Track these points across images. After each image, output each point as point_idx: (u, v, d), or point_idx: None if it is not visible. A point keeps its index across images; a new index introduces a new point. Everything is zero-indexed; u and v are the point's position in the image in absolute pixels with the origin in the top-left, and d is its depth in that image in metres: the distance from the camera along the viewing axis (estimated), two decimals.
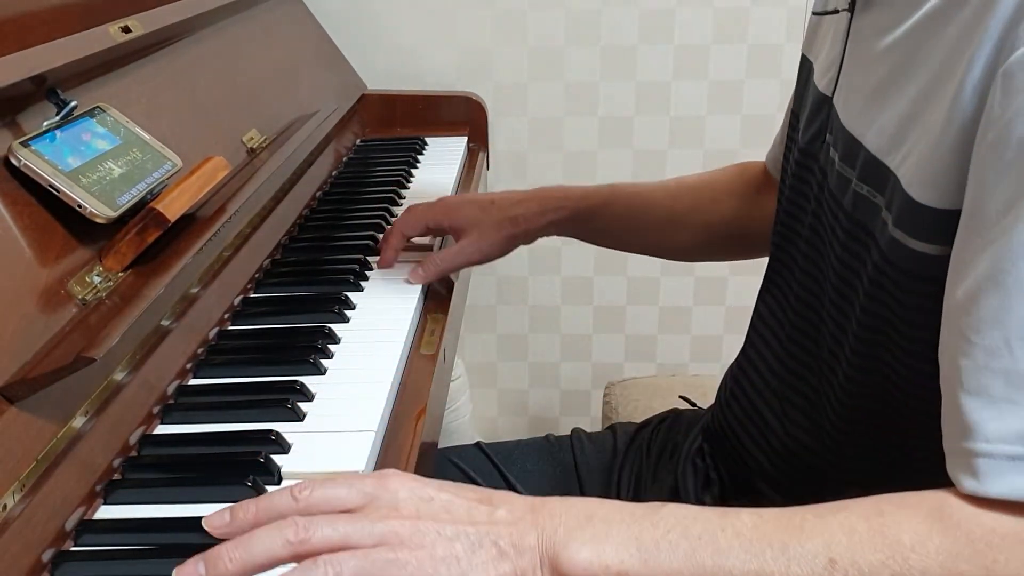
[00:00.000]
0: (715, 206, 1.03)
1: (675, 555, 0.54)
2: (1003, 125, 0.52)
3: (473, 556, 0.54)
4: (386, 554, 0.53)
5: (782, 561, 0.52)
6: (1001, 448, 0.51)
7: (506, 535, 0.55)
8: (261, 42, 1.28)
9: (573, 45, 1.64)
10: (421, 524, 0.54)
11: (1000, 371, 0.51)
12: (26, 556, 0.58)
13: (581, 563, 0.54)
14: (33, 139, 0.73)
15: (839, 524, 0.53)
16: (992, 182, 0.53)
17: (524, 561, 0.54)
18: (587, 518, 0.56)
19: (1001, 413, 0.51)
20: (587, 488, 1.02)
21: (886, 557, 0.51)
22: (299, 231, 1.12)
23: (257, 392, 0.78)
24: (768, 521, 0.55)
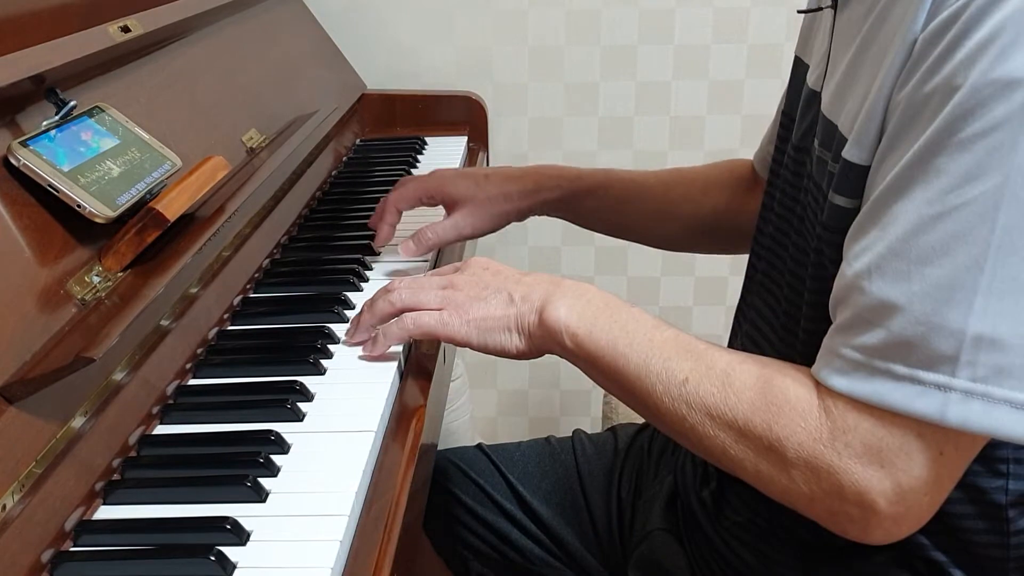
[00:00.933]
0: (705, 199, 1.05)
1: (606, 336, 0.71)
2: (911, 85, 0.59)
3: (492, 298, 0.77)
4: (441, 292, 0.78)
5: (658, 367, 0.68)
6: (851, 354, 0.60)
7: (520, 291, 0.76)
8: (261, 42, 1.28)
9: (573, 45, 1.64)
10: (472, 278, 0.79)
11: (862, 292, 0.60)
12: (25, 556, 0.57)
13: (554, 316, 0.73)
14: (32, 139, 0.73)
15: (710, 358, 0.67)
16: (893, 135, 0.60)
17: (525, 307, 0.75)
18: (581, 294, 0.75)
19: (857, 327, 0.60)
20: (588, 489, 1.02)
21: (717, 391, 0.65)
22: (299, 231, 1.12)
23: (257, 392, 0.77)
24: (677, 339, 0.70)
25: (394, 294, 0.79)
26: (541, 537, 1.01)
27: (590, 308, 0.73)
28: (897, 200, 0.59)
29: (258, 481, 0.65)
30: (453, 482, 1.04)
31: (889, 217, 0.59)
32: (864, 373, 0.59)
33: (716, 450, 0.66)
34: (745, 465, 0.65)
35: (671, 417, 0.68)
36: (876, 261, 0.59)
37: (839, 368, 0.61)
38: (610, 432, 1.08)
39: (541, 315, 0.74)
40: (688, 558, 0.89)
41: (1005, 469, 0.68)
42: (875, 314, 0.59)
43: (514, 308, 0.76)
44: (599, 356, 0.71)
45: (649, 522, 0.95)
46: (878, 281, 0.59)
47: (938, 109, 0.57)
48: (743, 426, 0.64)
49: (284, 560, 0.59)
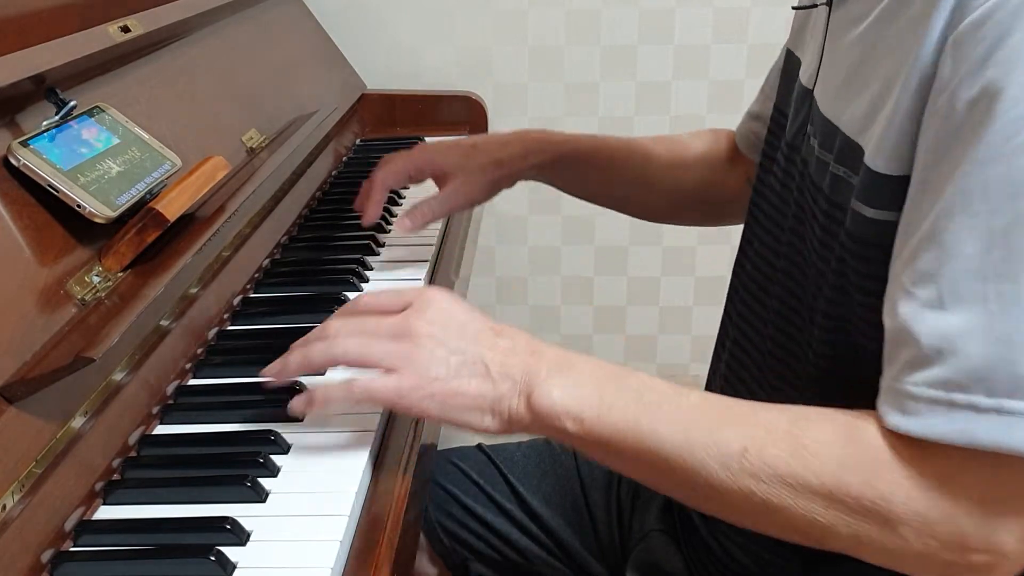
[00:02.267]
0: (687, 172, 1.05)
1: (624, 416, 0.61)
2: (950, 91, 0.55)
3: (462, 368, 0.64)
4: (392, 345, 0.65)
5: (705, 439, 0.59)
6: (924, 391, 0.54)
7: (498, 362, 0.64)
8: (261, 42, 1.28)
9: (573, 45, 1.64)
10: (434, 329, 0.65)
11: (931, 321, 0.54)
12: (25, 556, 0.57)
13: (548, 401, 0.62)
14: (32, 139, 0.73)
15: (765, 420, 0.59)
16: (941, 146, 0.55)
17: (504, 387, 0.64)
18: (570, 367, 0.64)
19: (930, 361, 0.54)
20: (588, 490, 1.02)
21: (789, 456, 0.57)
22: (299, 231, 1.12)
23: (257, 392, 0.77)
24: (710, 404, 0.62)
25: (338, 342, 0.66)
26: (541, 537, 1.01)
27: (589, 382, 0.64)
28: (956, 217, 0.53)
29: (258, 481, 0.65)
30: (453, 482, 1.04)
31: (951, 237, 0.54)
32: (943, 411, 0.53)
33: (799, 521, 0.58)
34: (839, 531, 0.57)
35: (734, 496, 0.59)
36: (946, 286, 0.54)
37: (912, 410, 0.55)
38: None
39: (529, 400, 0.63)
40: (685, 559, 0.89)
41: None
42: (948, 342, 0.53)
43: (489, 385, 0.64)
44: (618, 439, 0.62)
45: (647, 523, 0.95)
46: (951, 305, 0.53)
47: (986, 116, 0.52)
48: (834, 489, 0.56)
49: (284, 560, 0.60)
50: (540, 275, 1.79)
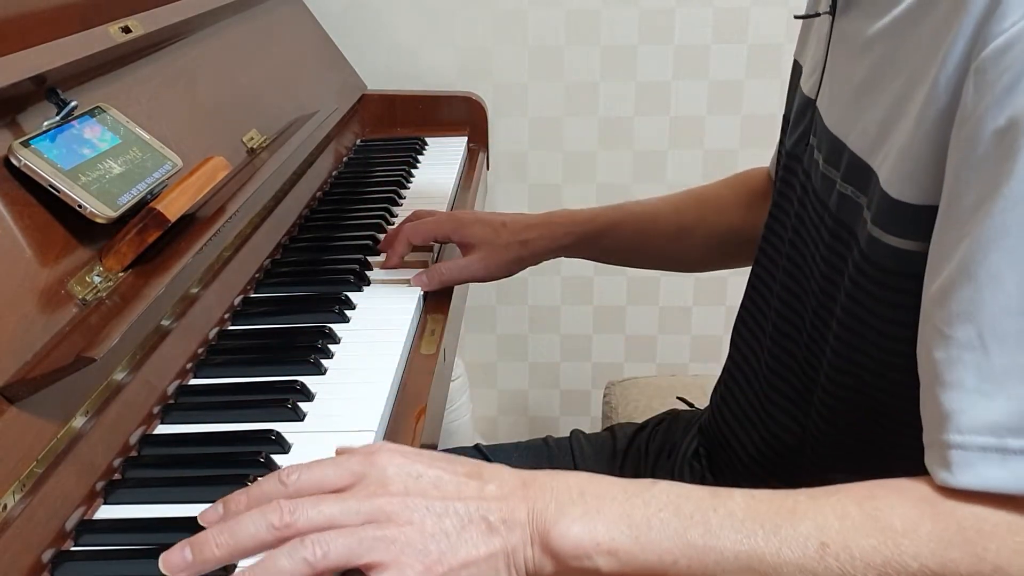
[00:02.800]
0: (721, 217, 1.04)
1: (666, 533, 0.54)
2: (976, 120, 0.52)
3: (463, 532, 0.54)
4: (374, 531, 0.53)
5: (774, 543, 0.53)
6: (972, 439, 0.51)
7: (496, 510, 0.55)
8: (261, 42, 1.28)
9: (573, 45, 1.65)
10: (409, 500, 0.55)
11: (972, 364, 0.52)
12: (26, 556, 0.57)
13: (572, 539, 0.54)
14: (33, 139, 0.73)
15: (831, 507, 0.54)
16: (966, 177, 0.53)
17: (514, 537, 0.55)
18: (579, 494, 0.56)
19: (973, 405, 0.51)
20: None
21: (878, 542, 0.52)
22: (299, 231, 1.12)
23: (257, 392, 0.77)
24: (761, 502, 0.55)
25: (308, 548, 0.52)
26: None
27: (607, 507, 0.55)
28: (991, 253, 0.51)
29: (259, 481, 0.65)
30: None
31: (986, 274, 0.51)
32: (996, 457, 0.51)
33: None
34: None
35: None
36: (987, 325, 0.51)
37: (960, 460, 0.52)
38: (608, 432, 1.08)
39: (546, 544, 0.55)
40: None
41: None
42: (996, 385, 0.51)
43: (499, 539, 0.55)
44: (668, 564, 0.54)
45: None
46: (994, 346, 0.51)
47: (1013, 147, 0.50)
48: (938, 570, 0.51)
49: None
50: (540, 275, 1.79)
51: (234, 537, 0.54)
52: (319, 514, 0.54)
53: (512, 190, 1.73)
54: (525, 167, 1.72)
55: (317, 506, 0.54)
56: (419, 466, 0.57)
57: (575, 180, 1.73)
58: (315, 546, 0.52)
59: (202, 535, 0.54)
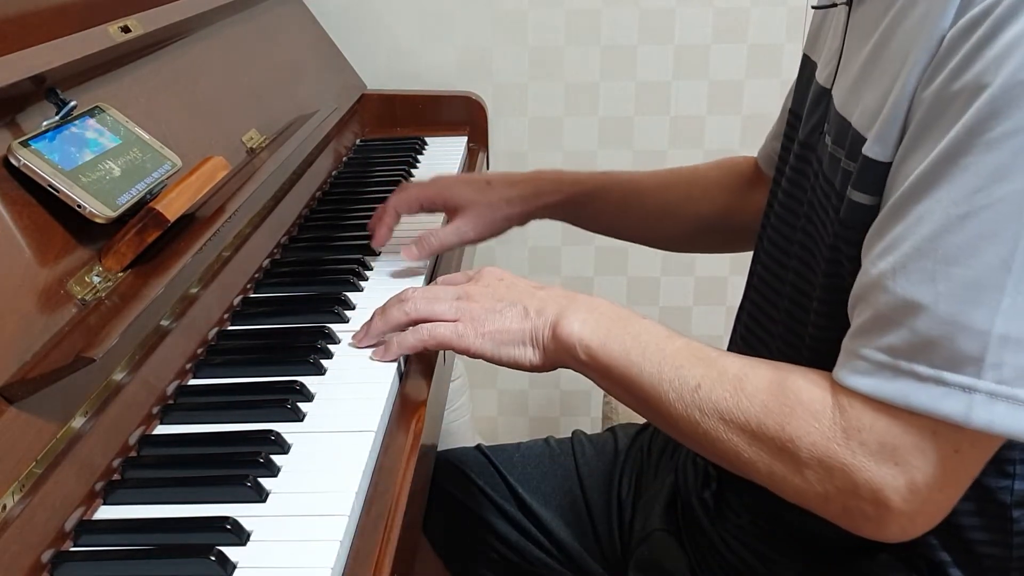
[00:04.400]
0: (706, 198, 1.06)
1: (620, 347, 0.72)
2: (938, 82, 0.58)
3: (507, 311, 0.77)
4: (454, 302, 0.79)
5: (671, 375, 0.69)
6: (876, 356, 0.60)
7: (535, 304, 0.77)
8: (261, 42, 1.28)
9: (573, 45, 1.64)
10: (487, 290, 0.79)
11: (885, 292, 0.59)
12: (26, 556, 0.57)
13: (567, 330, 0.74)
14: (33, 139, 0.73)
15: (722, 364, 0.68)
16: (917, 132, 0.60)
17: (540, 321, 0.76)
18: (593, 308, 0.75)
19: (881, 328, 0.60)
20: (589, 491, 1.02)
21: (729, 396, 0.66)
22: (299, 231, 1.12)
23: (257, 392, 0.77)
24: (689, 348, 0.70)
25: (408, 303, 0.79)
26: (540, 539, 1.01)
27: (603, 320, 0.74)
28: (922, 199, 0.58)
29: (258, 481, 0.65)
30: (452, 483, 1.04)
31: (913, 216, 0.58)
32: (888, 374, 0.59)
33: (730, 454, 0.66)
34: (758, 467, 0.65)
35: (684, 423, 0.68)
36: (900, 260, 0.59)
37: (862, 369, 0.61)
38: (610, 432, 1.08)
39: (555, 329, 0.74)
40: (689, 559, 0.89)
41: (1012, 470, 0.68)
42: (899, 314, 0.59)
43: (529, 322, 0.76)
44: (612, 366, 0.72)
45: (649, 523, 0.95)
46: (902, 281, 0.58)
47: (965, 107, 0.56)
48: (756, 428, 0.64)
49: (284, 560, 0.60)
50: (540, 275, 1.79)
51: (381, 310, 0.82)
52: (429, 293, 0.80)
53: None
54: (525, 167, 1.72)
55: (430, 290, 0.81)
56: (507, 275, 0.81)
57: None
58: (413, 303, 0.79)
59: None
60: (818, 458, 0.62)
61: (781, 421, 0.63)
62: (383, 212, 1.03)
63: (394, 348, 0.80)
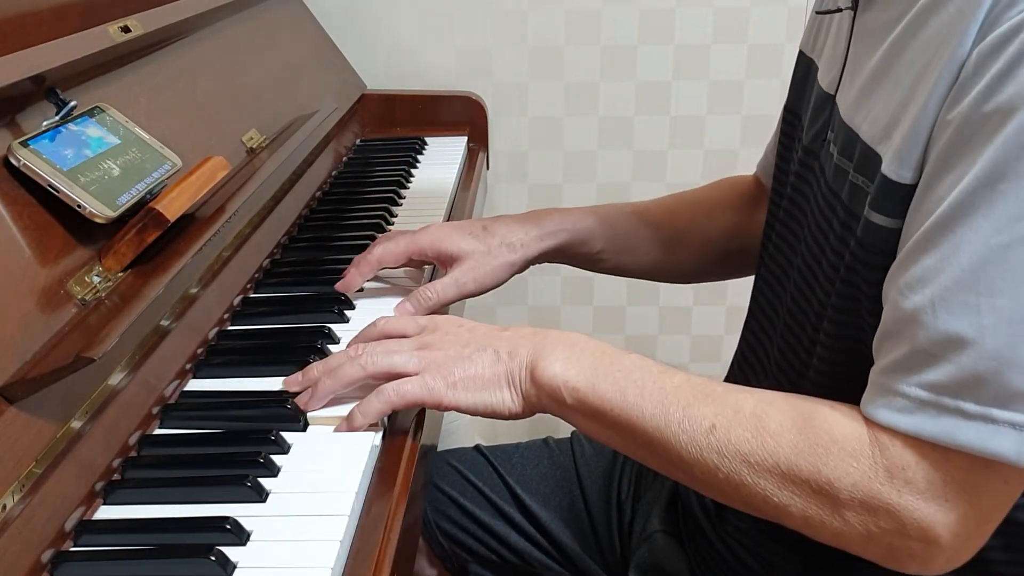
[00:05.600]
0: (712, 221, 1.01)
1: (613, 388, 0.67)
2: (968, 102, 0.55)
3: (476, 356, 0.71)
4: (415, 353, 0.72)
5: (679, 415, 0.64)
6: (917, 392, 0.57)
7: (505, 345, 0.72)
8: (261, 42, 1.28)
9: (573, 45, 1.64)
10: (447, 337, 0.74)
11: (922, 326, 0.56)
12: (26, 556, 0.57)
13: (549, 372, 0.69)
14: (32, 139, 0.73)
15: (734, 401, 0.64)
16: (948, 156, 0.57)
17: (514, 364, 0.71)
18: (571, 345, 0.70)
19: (920, 363, 0.57)
20: (588, 491, 1.02)
21: (751, 436, 0.62)
22: (299, 231, 1.12)
23: (257, 392, 0.77)
24: (689, 384, 0.66)
25: (364, 357, 0.72)
26: (539, 539, 1.01)
27: (586, 358, 0.69)
28: (957, 227, 0.55)
29: (258, 481, 0.65)
30: (451, 484, 1.04)
31: (949, 246, 0.55)
32: (931, 412, 0.56)
33: (756, 498, 0.62)
34: (791, 511, 0.61)
35: (700, 468, 0.64)
36: (939, 293, 0.56)
37: (901, 407, 0.58)
38: None
39: (533, 372, 0.70)
40: (689, 561, 0.89)
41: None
42: (941, 349, 0.56)
43: (502, 365, 0.71)
44: (606, 410, 0.67)
45: (650, 524, 0.94)
46: (943, 314, 0.55)
47: (998, 129, 0.53)
48: (787, 470, 0.61)
49: (284, 560, 0.60)
50: (540, 275, 1.79)
51: (326, 363, 0.75)
52: (382, 345, 0.74)
53: (512, 190, 1.73)
54: (525, 167, 1.72)
55: (383, 343, 0.75)
56: (465, 321, 0.76)
57: (575, 180, 1.73)
58: (369, 357, 0.72)
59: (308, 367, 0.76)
60: (860, 499, 0.59)
61: (815, 462, 0.60)
62: (362, 261, 0.92)
63: (358, 419, 0.71)
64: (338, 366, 0.73)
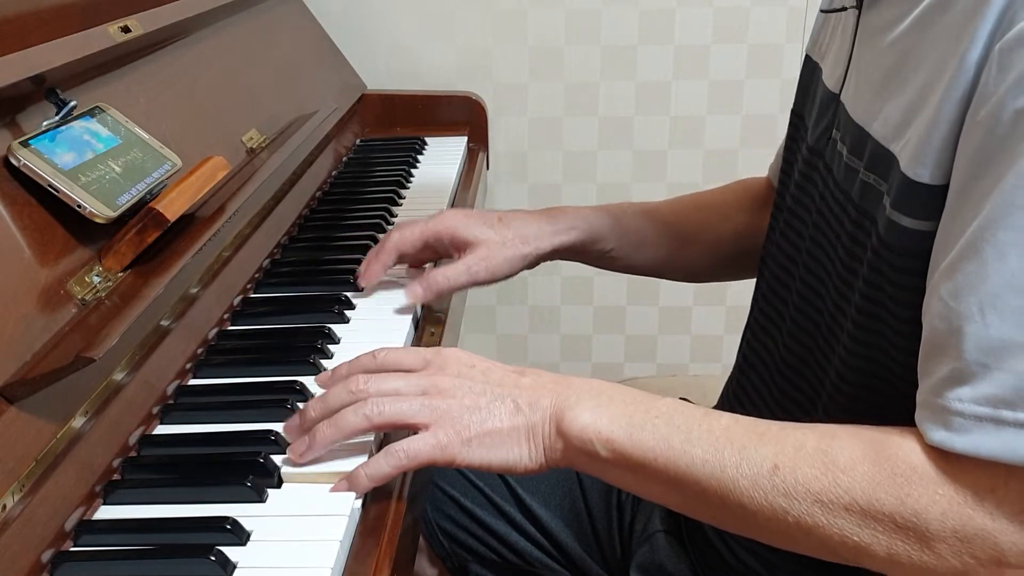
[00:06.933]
0: (724, 223, 1.01)
1: (654, 436, 0.62)
2: (996, 101, 0.53)
3: (493, 407, 0.66)
4: (424, 400, 0.66)
5: (736, 458, 0.60)
6: (972, 408, 0.53)
7: (525, 396, 0.66)
8: (261, 42, 1.28)
9: (573, 45, 1.64)
10: (458, 381, 0.67)
11: (972, 335, 0.53)
12: (26, 556, 0.57)
13: (579, 425, 0.64)
14: (33, 139, 0.73)
15: (794, 438, 0.60)
16: (982, 157, 0.54)
17: (536, 416, 0.65)
18: (598, 393, 0.66)
19: (972, 375, 0.54)
20: (589, 491, 1.02)
21: (820, 473, 0.58)
22: (299, 231, 1.12)
23: (257, 392, 0.77)
24: (740, 425, 0.62)
25: (368, 406, 0.66)
26: (540, 539, 1.01)
27: (616, 405, 0.64)
28: (1000, 231, 0.53)
29: (258, 481, 0.65)
30: (452, 483, 1.04)
31: (993, 250, 0.53)
32: (990, 428, 0.53)
33: (831, 540, 0.58)
34: (874, 550, 0.57)
35: (766, 514, 0.59)
36: (987, 299, 0.53)
37: (957, 426, 0.54)
38: None
39: (559, 425, 0.64)
40: (690, 561, 0.89)
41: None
42: (993, 358, 0.53)
43: (522, 417, 0.65)
44: (648, 461, 0.62)
45: (651, 524, 0.94)
46: (993, 321, 0.53)
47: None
48: (866, 506, 0.56)
49: (284, 560, 0.60)
50: (540, 275, 1.78)
51: (324, 402, 0.68)
52: (387, 385, 0.67)
53: (512, 190, 1.73)
54: (525, 167, 1.72)
55: (387, 380, 0.68)
56: (475, 359, 0.69)
57: (575, 180, 1.73)
58: (375, 406, 0.65)
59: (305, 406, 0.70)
60: (952, 529, 0.54)
61: (897, 493, 0.56)
62: (380, 251, 0.93)
63: (363, 482, 0.65)
64: (339, 412, 0.67)
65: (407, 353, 0.71)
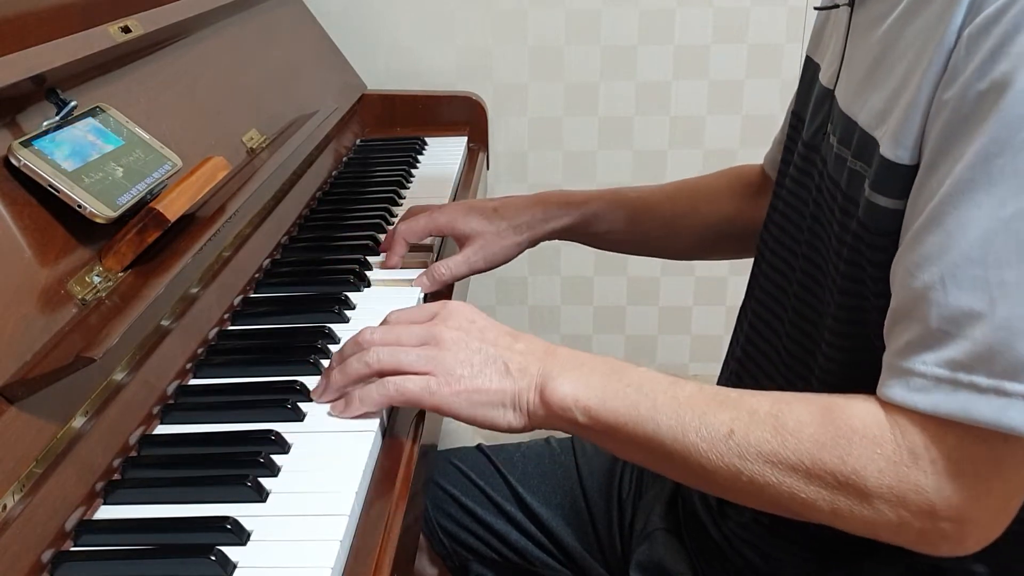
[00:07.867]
0: (714, 207, 1.05)
1: (624, 403, 0.67)
2: (962, 82, 0.57)
3: (484, 367, 0.70)
4: (420, 351, 0.71)
5: (696, 423, 0.64)
6: (933, 370, 0.57)
7: (516, 361, 0.71)
8: (261, 42, 1.28)
9: (573, 45, 1.65)
10: (457, 334, 0.72)
11: (934, 303, 0.57)
12: (26, 556, 0.57)
13: (560, 393, 0.69)
14: (33, 139, 0.73)
15: (749, 404, 0.64)
16: (947, 135, 0.58)
17: (523, 383, 0.70)
18: (580, 364, 0.70)
19: (934, 340, 0.57)
20: (589, 490, 1.02)
21: (770, 436, 0.62)
22: (299, 231, 1.12)
23: (257, 392, 0.77)
24: (702, 393, 0.66)
25: (370, 354, 0.72)
26: (541, 538, 1.01)
27: (595, 376, 0.69)
28: (961, 204, 0.56)
29: (258, 481, 0.65)
30: (453, 482, 1.04)
31: (955, 223, 0.56)
32: (947, 388, 0.57)
33: (783, 497, 0.62)
34: (819, 506, 0.61)
35: (723, 474, 0.64)
36: (948, 270, 0.56)
37: (918, 386, 0.58)
38: None
39: (543, 393, 0.69)
40: (691, 558, 0.89)
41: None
42: (953, 325, 0.56)
43: (510, 381, 0.70)
44: (620, 425, 0.67)
45: (651, 522, 0.95)
46: (954, 290, 0.56)
47: (993, 106, 0.55)
48: (811, 465, 0.61)
49: (284, 560, 0.60)
50: (540, 275, 1.79)
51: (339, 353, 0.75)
52: (389, 335, 0.73)
53: (512, 190, 1.73)
54: (525, 167, 1.72)
55: (391, 330, 0.74)
56: (477, 316, 0.74)
57: (575, 180, 1.73)
58: (375, 353, 0.71)
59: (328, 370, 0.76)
60: (888, 485, 0.59)
61: (839, 453, 0.60)
62: (394, 241, 1.02)
63: (356, 404, 0.72)
64: (347, 360, 0.74)
65: (417, 309, 0.78)
